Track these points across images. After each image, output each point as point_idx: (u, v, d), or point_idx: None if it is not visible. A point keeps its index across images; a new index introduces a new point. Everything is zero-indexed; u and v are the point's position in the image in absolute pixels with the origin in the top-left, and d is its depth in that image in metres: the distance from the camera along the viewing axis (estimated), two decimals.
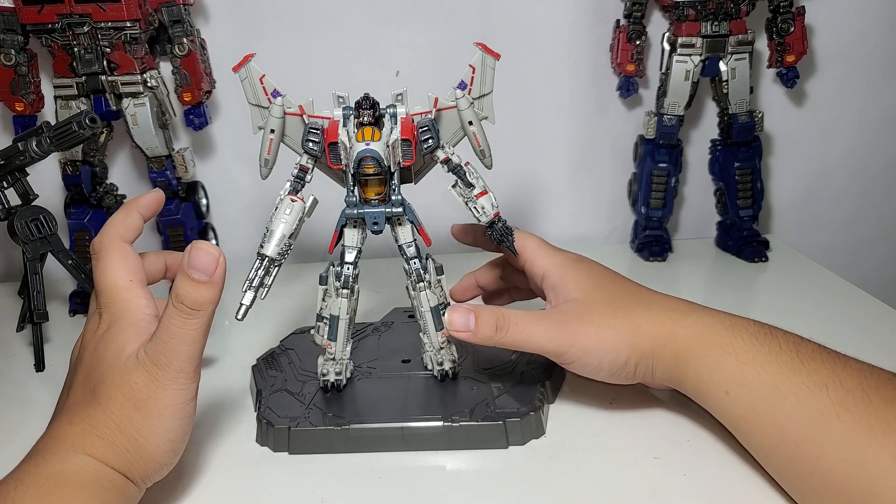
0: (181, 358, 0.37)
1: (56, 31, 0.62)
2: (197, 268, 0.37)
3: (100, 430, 0.36)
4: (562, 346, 0.43)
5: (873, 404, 0.34)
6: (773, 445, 0.38)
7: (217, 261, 0.37)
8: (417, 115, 0.45)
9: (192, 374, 0.38)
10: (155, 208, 0.46)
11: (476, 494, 0.41)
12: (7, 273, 0.82)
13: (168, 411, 0.37)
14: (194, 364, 0.38)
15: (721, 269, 0.75)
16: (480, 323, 0.43)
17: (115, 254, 0.42)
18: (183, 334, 0.37)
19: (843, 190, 0.85)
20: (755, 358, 0.39)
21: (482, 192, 0.45)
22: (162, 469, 0.39)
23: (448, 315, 0.44)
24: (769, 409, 0.38)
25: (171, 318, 0.37)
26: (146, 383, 0.37)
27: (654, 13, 0.74)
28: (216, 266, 0.37)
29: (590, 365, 0.44)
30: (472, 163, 0.46)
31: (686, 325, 0.43)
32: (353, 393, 0.49)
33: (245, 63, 0.44)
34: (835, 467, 0.34)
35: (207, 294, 0.37)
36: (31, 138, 0.53)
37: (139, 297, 0.41)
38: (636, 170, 0.78)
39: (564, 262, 0.48)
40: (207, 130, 0.74)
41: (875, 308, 0.63)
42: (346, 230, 0.47)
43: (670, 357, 0.43)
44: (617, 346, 0.43)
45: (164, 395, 0.37)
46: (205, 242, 0.38)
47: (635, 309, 0.44)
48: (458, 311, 0.44)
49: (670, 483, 0.41)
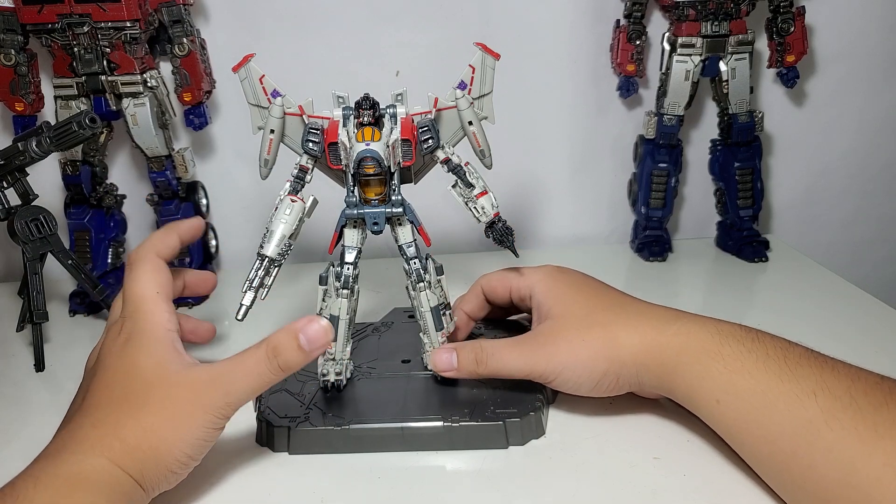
0: (242, 399, 0.39)
1: (56, 31, 0.62)
2: (309, 338, 0.39)
3: (123, 434, 0.37)
4: (537, 367, 0.44)
5: (861, 410, 0.34)
6: (765, 455, 0.38)
7: (326, 338, 0.39)
8: (417, 115, 0.45)
9: (237, 409, 0.40)
10: (193, 234, 0.49)
11: (476, 494, 0.41)
12: (7, 273, 0.82)
13: (200, 432, 0.38)
14: (245, 403, 0.40)
15: (721, 269, 0.75)
16: (461, 360, 0.46)
17: (148, 266, 0.44)
18: (261, 384, 0.39)
19: (843, 190, 0.85)
20: (743, 366, 0.39)
21: (482, 192, 0.45)
22: (172, 478, 0.39)
23: (432, 358, 0.47)
24: (759, 419, 0.38)
25: (259, 364, 0.39)
26: (193, 406, 0.38)
27: (654, 13, 0.74)
28: (324, 345, 0.39)
29: (570, 381, 0.44)
30: (472, 163, 0.46)
31: (670, 334, 0.42)
32: (353, 393, 0.49)
33: (245, 63, 0.44)
34: (826, 476, 0.34)
35: (303, 362, 0.39)
36: (31, 138, 0.53)
37: (164, 311, 0.43)
38: (636, 170, 0.78)
39: (547, 276, 0.49)
40: (207, 130, 0.74)
41: (875, 308, 0.63)
42: (346, 230, 0.47)
43: (656, 366, 0.42)
44: (593, 358, 0.43)
45: (205, 420, 0.38)
46: (322, 319, 0.40)
47: (614, 320, 0.44)
48: (441, 353, 0.47)
49: (670, 483, 0.41)
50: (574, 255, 0.79)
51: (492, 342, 0.46)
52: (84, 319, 0.68)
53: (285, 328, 0.39)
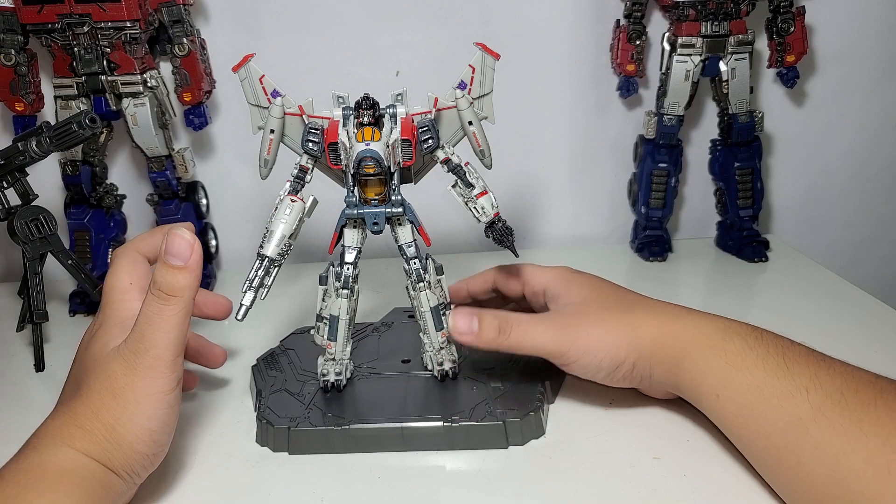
0: (158, 345, 0.37)
1: (56, 31, 0.62)
2: (173, 254, 0.37)
3: (79, 421, 0.37)
4: (562, 347, 0.44)
5: (849, 407, 0.35)
6: (760, 450, 0.39)
7: (192, 246, 0.38)
8: (417, 115, 0.45)
9: (171, 363, 0.38)
10: None
11: (476, 494, 0.41)
12: (7, 273, 0.82)
13: (146, 400, 0.37)
14: (172, 352, 0.38)
15: (721, 269, 0.75)
16: (484, 326, 0.44)
17: (125, 260, 0.45)
18: (160, 321, 0.37)
19: (843, 190, 0.85)
20: (743, 362, 0.40)
21: (482, 192, 0.45)
22: (145, 460, 0.38)
23: (451, 318, 0.45)
24: (754, 414, 0.38)
25: (149, 306, 0.38)
26: (124, 372, 0.37)
27: (654, 13, 0.74)
28: (191, 252, 0.38)
29: (589, 365, 0.44)
30: (472, 163, 0.46)
31: (680, 327, 0.43)
32: (353, 393, 0.49)
33: (245, 63, 0.44)
34: (813, 472, 0.35)
35: (184, 280, 0.37)
36: (31, 138, 0.53)
37: (133, 300, 0.42)
38: (636, 170, 0.78)
39: (563, 274, 0.49)
40: (207, 130, 0.74)
41: (875, 308, 0.63)
42: (345, 230, 0.47)
43: (667, 358, 0.43)
44: (617, 345, 0.43)
45: (142, 384, 0.37)
46: (181, 229, 0.38)
47: (633, 311, 0.45)
48: (462, 314, 0.44)
49: (670, 483, 0.41)
50: (574, 255, 0.79)
51: (517, 314, 0.45)
52: (84, 319, 0.68)
53: (158, 258, 0.38)
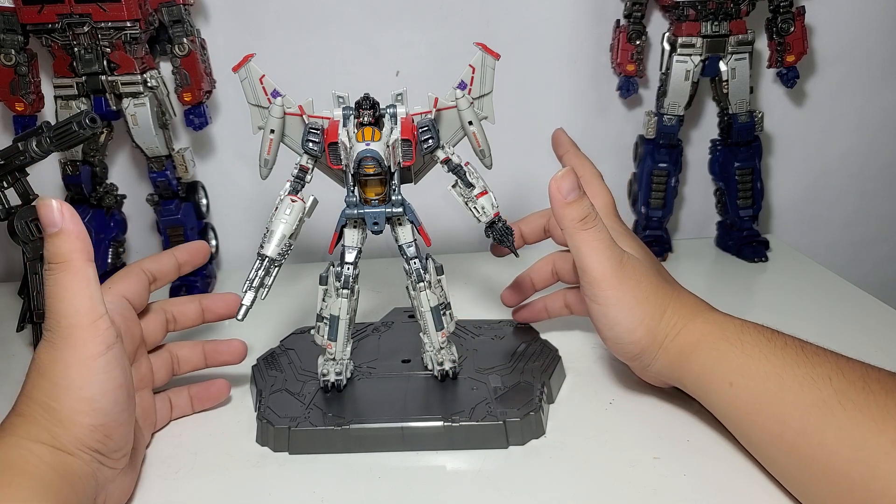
0: (68, 314, 0.37)
1: (56, 31, 0.62)
2: (45, 224, 0.37)
3: (17, 409, 0.37)
4: (607, 279, 0.44)
5: (874, 393, 0.35)
6: (773, 436, 0.39)
7: (58, 210, 0.37)
8: (417, 115, 0.45)
9: (88, 328, 0.37)
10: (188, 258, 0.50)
11: (476, 494, 0.41)
12: (7, 273, 0.82)
13: (72, 370, 0.37)
14: (87, 318, 0.37)
15: (721, 269, 0.75)
16: (578, 199, 0.44)
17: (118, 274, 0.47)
18: (59, 290, 0.37)
19: (843, 190, 0.85)
20: (761, 351, 0.40)
21: (482, 192, 0.45)
22: (95, 432, 0.37)
23: (556, 179, 0.43)
24: (772, 399, 0.39)
25: (47, 282, 0.37)
26: (46, 350, 0.37)
27: (654, 13, 0.74)
28: (59, 215, 0.37)
29: (607, 316, 0.45)
30: (472, 163, 0.46)
31: (698, 322, 0.44)
32: (354, 393, 0.49)
33: (245, 63, 0.44)
34: (836, 453, 0.35)
35: (63, 243, 0.37)
36: (31, 138, 0.53)
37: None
38: (636, 170, 0.78)
39: (617, 227, 0.50)
40: (207, 130, 0.74)
41: (875, 308, 0.63)
42: (346, 230, 0.47)
43: (675, 351, 0.44)
44: (639, 321, 0.44)
45: (63, 355, 0.37)
46: (45, 199, 0.37)
47: (667, 297, 0.45)
48: (568, 180, 0.43)
49: (670, 483, 0.41)
50: None
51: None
52: None
53: None
